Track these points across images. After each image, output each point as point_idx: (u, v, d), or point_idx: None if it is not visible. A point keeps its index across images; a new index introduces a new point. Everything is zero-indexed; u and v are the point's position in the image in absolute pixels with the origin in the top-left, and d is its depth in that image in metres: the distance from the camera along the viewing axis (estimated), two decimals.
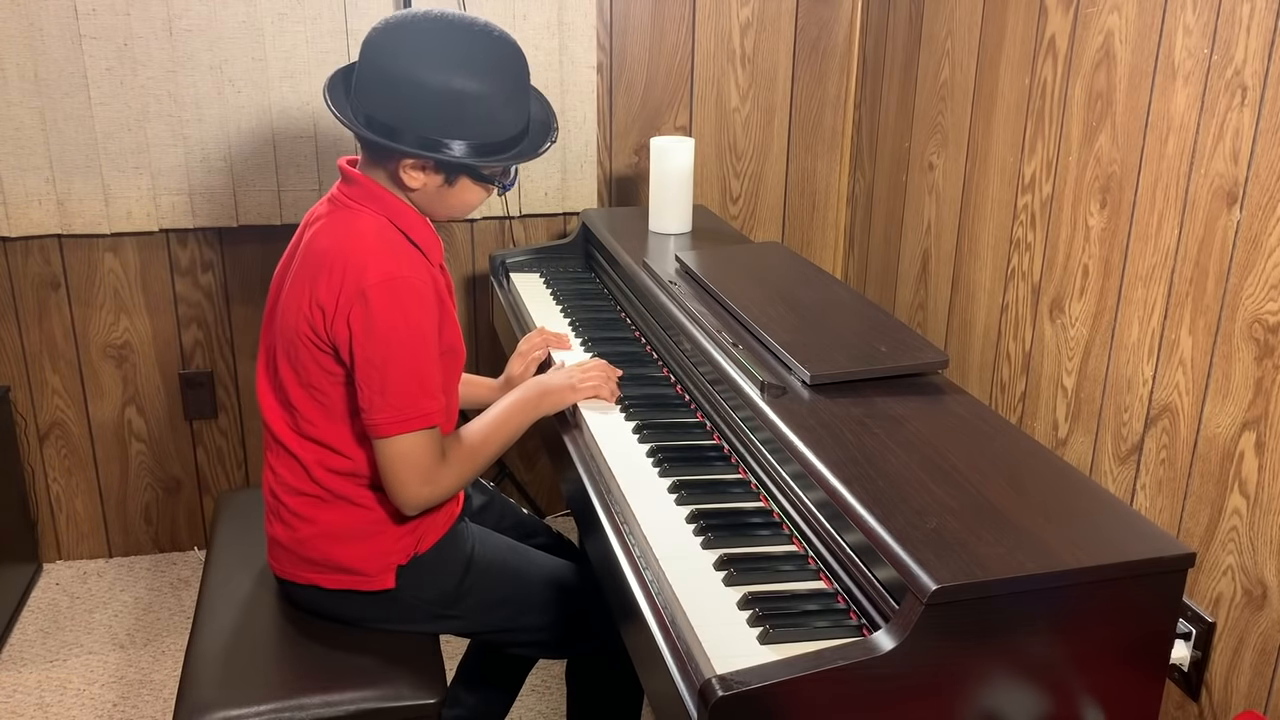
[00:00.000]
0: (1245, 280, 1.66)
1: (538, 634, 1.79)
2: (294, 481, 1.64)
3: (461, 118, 1.52)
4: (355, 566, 1.65)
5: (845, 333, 1.80)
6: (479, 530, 1.79)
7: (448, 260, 2.80)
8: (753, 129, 2.87)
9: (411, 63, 1.50)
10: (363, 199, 1.58)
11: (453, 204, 1.62)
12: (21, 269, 2.60)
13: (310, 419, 1.60)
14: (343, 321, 1.51)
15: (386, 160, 1.57)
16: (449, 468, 1.60)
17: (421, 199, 1.60)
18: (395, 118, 1.52)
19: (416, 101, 1.50)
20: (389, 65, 1.52)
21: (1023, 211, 2.18)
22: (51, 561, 2.83)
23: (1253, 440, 1.66)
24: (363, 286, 1.50)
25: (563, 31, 2.65)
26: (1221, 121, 1.69)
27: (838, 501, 1.37)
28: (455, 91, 1.50)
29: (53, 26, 2.41)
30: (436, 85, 1.50)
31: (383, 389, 1.52)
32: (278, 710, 1.55)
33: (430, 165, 1.55)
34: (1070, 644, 1.26)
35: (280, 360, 1.61)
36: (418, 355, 1.53)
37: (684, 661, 1.26)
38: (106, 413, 2.74)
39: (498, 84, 1.54)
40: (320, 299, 1.52)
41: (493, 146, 1.56)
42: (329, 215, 1.60)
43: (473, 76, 1.51)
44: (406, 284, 1.52)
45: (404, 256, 1.55)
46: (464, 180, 1.59)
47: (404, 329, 1.51)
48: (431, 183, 1.58)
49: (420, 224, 1.61)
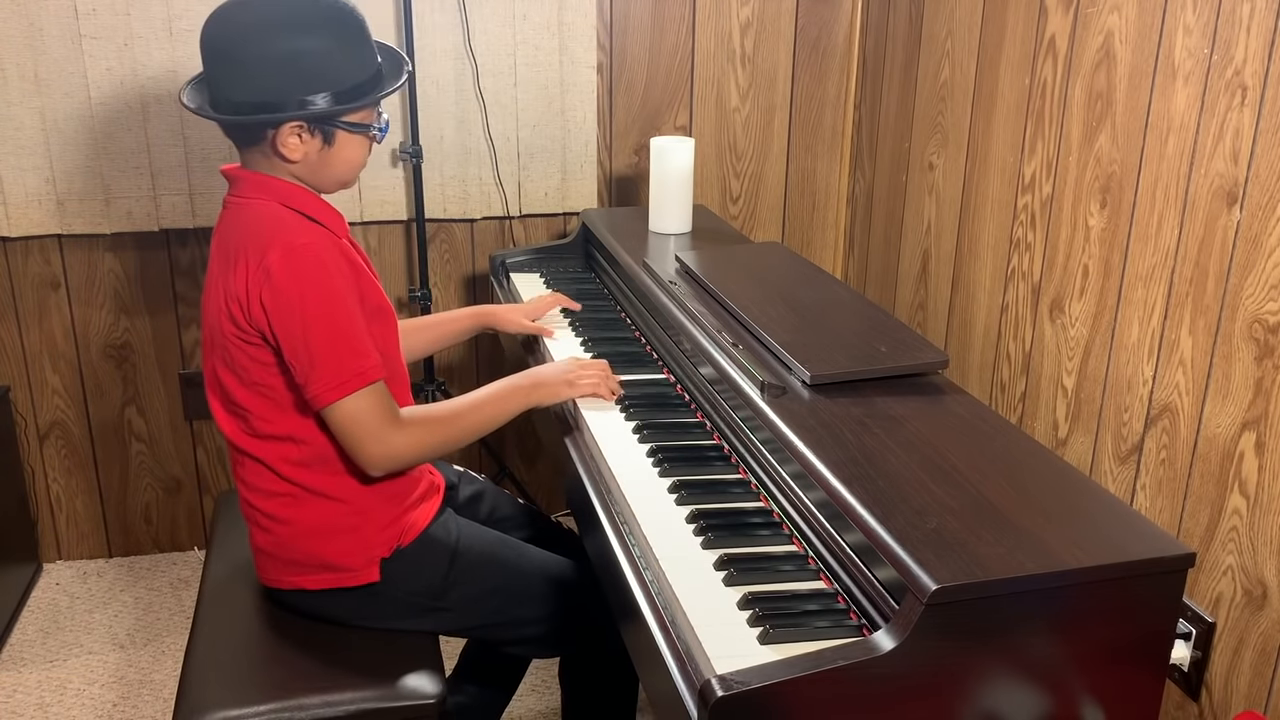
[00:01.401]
0: (1245, 280, 1.66)
1: (530, 629, 1.77)
2: (263, 485, 1.64)
3: (312, 72, 1.54)
4: (338, 562, 1.65)
5: (845, 333, 1.80)
6: (465, 523, 1.78)
7: (448, 259, 2.80)
8: (753, 129, 2.87)
9: (248, 38, 1.53)
10: (252, 192, 1.60)
11: (338, 167, 1.63)
12: (21, 269, 2.60)
13: (262, 416, 1.60)
14: (257, 304, 1.52)
15: (260, 141, 1.58)
16: (408, 429, 1.59)
17: (306, 171, 1.61)
18: (252, 93, 1.53)
19: (266, 71, 1.53)
20: (228, 49, 1.54)
21: (1023, 211, 2.18)
22: (51, 561, 2.84)
23: (1253, 440, 1.66)
24: (265, 265, 1.51)
25: (563, 31, 2.65)
26: (1221, 121, 1.69)
27: (838, 501, 1.37)
28: (297, 50, 1.53)
29: (53, 26, 2.41)
30: (279, 50, 1.53)
31: (310, 360, 1.52)
32: (278, 710, 1.55)
33: (304, 128, 1.56)
34: (1070, 644, 1.26)
35: (220, 370, 1.61)
36: (335, 317, 1.53)
37: (684, 661, 1.26)
38: (106, 413, 2.74)
39: (333, 34, 1.57)
40: (234, 290, 1.53)
41: (351, 92, 1.58)
42: (224, 219, 1.62)
43: (307, 32, 1.54)
44: (307, 250, 1.52)
45: (300, 229, 1.56)
46: (340, 135, 1.60)
47: (314, 294, 1.52)
48: (311, 148, 1.58)
49: (315, 201, 1.62)
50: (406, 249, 2.77)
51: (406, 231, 2.75)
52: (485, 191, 2.74)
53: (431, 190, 2.69)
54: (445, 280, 2.82)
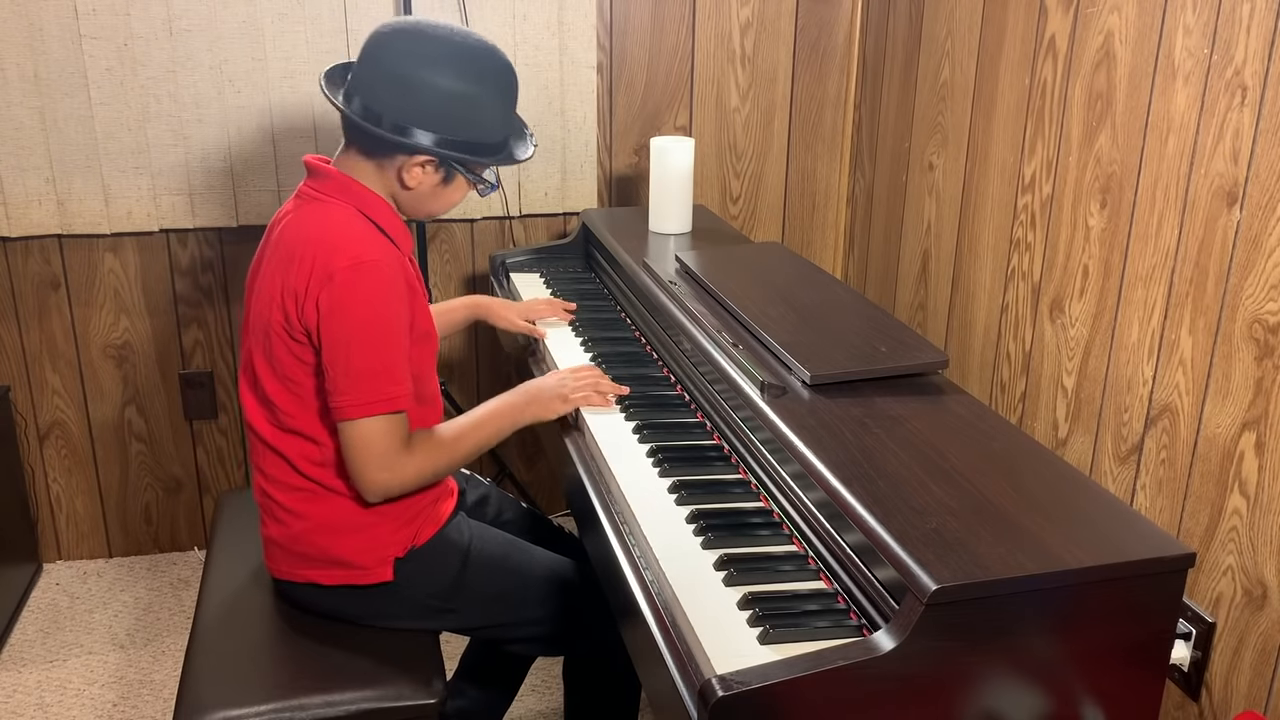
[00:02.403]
0: (1245, 280, 1.66)
1: (535, 629, 1.79)
2: (282, 477, 1.65)
3: (468, 118, 1.59)
4: (352, 559, 1.65)
5: (845, 333, 1.80)
6: (477, 525, 1.79)
7: (448, 259, 2.80)
8: (753, 129, 2.87)
9: (427, 65, 1.57)
10: (333, 191, 1.61)
11: (438, 203, 1.67)
12: (21, 269, 2.60)
13: (288, 411, 1.61)
14: (312, 304, 1.53)
15: (384, 157, 1.60)
16: (413, 457, 1.60)
17: (410, 197, 1.64)
18: (403, 114, 1.56)
19: (430, 102, 1.56)
20: (401, 66, 1.57)
21: (1023, 211, 2.18)
22: (51, 561, 2.84)
23: (1253, 440, 1.66)
24: (331, 270, 1.52)
25: (563, 31, 2.65)
26: (1221, 121, 1.69)
27: (838, 501, 1.37)
28: (466, 94, 1.58)
29: (53, 26, 2.41)
30: (450, 88, 1.57)
31: (347, 371, 1.53)
32: (278, 710, 1.55)
33: (434, 163, 1.60)
34: (1070, 644, 1.26)
35: (257, 357, 1.62)
36: (384, 339, 1.54)
37: (684, 661, 1.26)
38: (106, 413, 2.74)
39: (497, 88, 1.62)
40: (292, 285, 1.54)
41: (494, 146, 1.64)
42: (297, 209, 1.62)
43: (479, 81, 1.59)
44: (375, 268, 1.54)
45: (373, 243, 1.57)
46: (459, 179, 1.65)
47: (370, 312, 1.53)
48: (429, 181, 1.62)
49: (390, 215, 1.64)
50: None
51: None
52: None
53: None
54: (445, 280, 2.82)
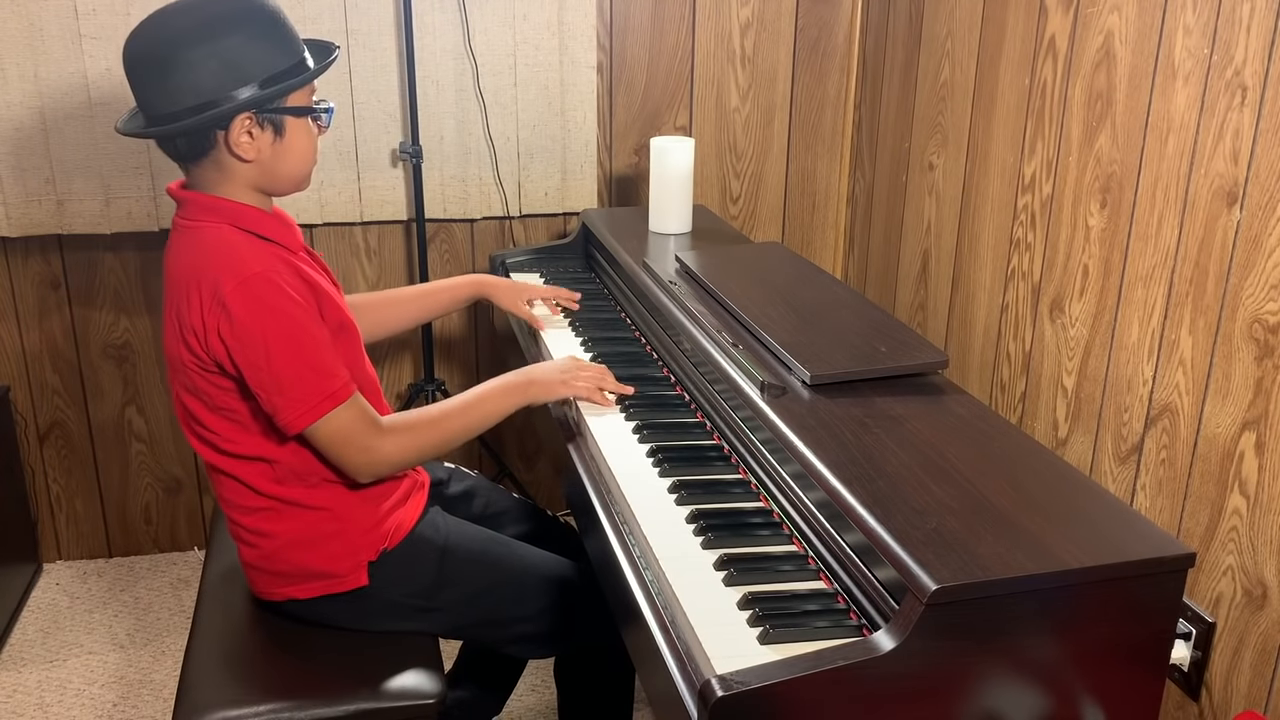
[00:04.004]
0: (1245, 280, 1.66)
1: (524, 627, 1.77)
2: (242, 500, 1.64)
3: (238, 66, 1.51)
4: (326, 569, 1.65)
5: (845, 333, 1.80)
6: (454, 521, 1.77)
7: (448, 259, 2.80)
8: (753, 129, 2.87)
9: (168, 48, 1.50)
10: (200, 214, 1.57)
11: (291, 159, 1.60)
12: (21, 269, 2.60)
13: (230, 439, 1.60)
14: (215, 336, 1.50)
15: (212, 148, 1.55)
16: (392, 434, 1.59)
17: (260, 171, 1.58)
18: (186, 100, 1.51)
19: (194, 75, 1.50)
20: (151, 64, 1.51)
21: (1023, 211, 2.18)
22: (51, 561, 2.83)
23: (1253, 440, 1.66)
24: (220, 295, 1.49)
25: (563, 31, 2.65)
26: (1221, 121, 1.69)
27: (838, 501, 1.37)
28: (218, 48, 1.50)
29: (53, 26, 2.41)
30: (201, 52, 1.49)
31: (278, 388, 1.51)
32: (277, 711, 1.55)
33: (252, 121, 1.54)
34: (1070, 644, 1.26)
35: (184, 396, 1.60)
36: (299, 343, 1.52)
37: (684, 661, 1.26)
38: (106, 413, 2.74)
39: (250, 27, 1.54)
40: (190, 323, 1.52)
41: (282, 75, 1.56)
42: (175, 243, 1.59)
43: (223, 30, 1.51)
44: (261, 279, 1.50)
45: (254, 255, 1.53)
46: (289, 123, 1.58)
47: (273, 324, 1.50)
48: (264, 142, 1.56)
49: (262, 217, 1.59)
50: (406, 249, 2.77)
51: (406, 232, 2.75)
52: (485, 191, 2.74)
53: (431, 190, 2.69)
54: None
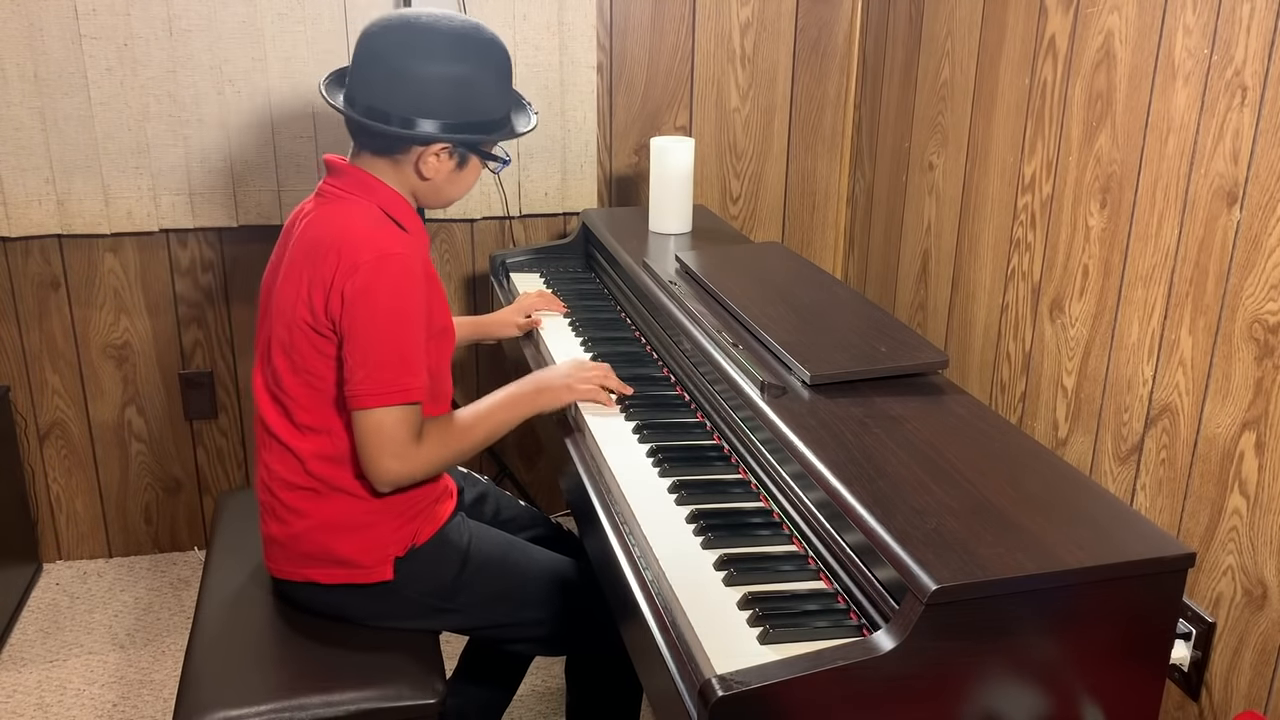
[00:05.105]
0: (1245, 280, 1.66)
1: (535, 629, 1.79)
2: (288, 476, 1.65)
3: (467, 99, 1.62)
4: (352, 559, 1.66)
5: (845, 333, 1.80)
6: (476, 525, 1.80)
7: (447, 259, 2.80)
8: (753, 129, 2.87)
9: (421, 55, 1.59)
10: (353, 189, 1.63)
11: (456, 189, 1.70)
12: (21, 269, 2.60)
13: (304, 405, 1.62)
14: (338, 295, 1.55)
15: (401, 152, 1.62)
16: (425, 448, 1.61)
17: (429, 187, 1.67)
18: (405, 107, 1.59)
19: (432, 91, 1.59)
20: (397, 60, 1.59)
21: (1023, 211, 2.18)
22: (51, 561, 2.83)
23: (1253, 440, 1.66)
24: (356, 262, 1.54)
25: (563, 31, 2.65)
26: (1221, 121, 1.69)
27: (838, 501, 1.37)
28: (464, 76, 1.61)
29: (53, 26, 2.41)
30: (448, 73, 1.60)
31: (365, 360, 1.55)
32: (278, 710, 1.55)
33: (448, 150, 1.63)
34: (1070, 644, 1.26)
35: (275, 353, 1.63)
36: (402, 331, 1.56)
37: (684, 661, 1.26)
38: (106, 413, 2.74)
39: (490, 65, 1.65)
40: (319, 278, 1.56)
41: (499, 122, 1.67)
42: (319, 208, 1.64)
43: (474, 62, 1.62)
44: (399, 260, 1.56)
45: (396, 237, 1.59)
46: (473, 161, 1.68)
47: (392, 303, 1.55)
48: (445, 168, 1.65)
49: (409, 212, 1.66)
50: None
51: None
52: (485, 191, 2.74)
53: None
54: (445, 280, 2.82)
